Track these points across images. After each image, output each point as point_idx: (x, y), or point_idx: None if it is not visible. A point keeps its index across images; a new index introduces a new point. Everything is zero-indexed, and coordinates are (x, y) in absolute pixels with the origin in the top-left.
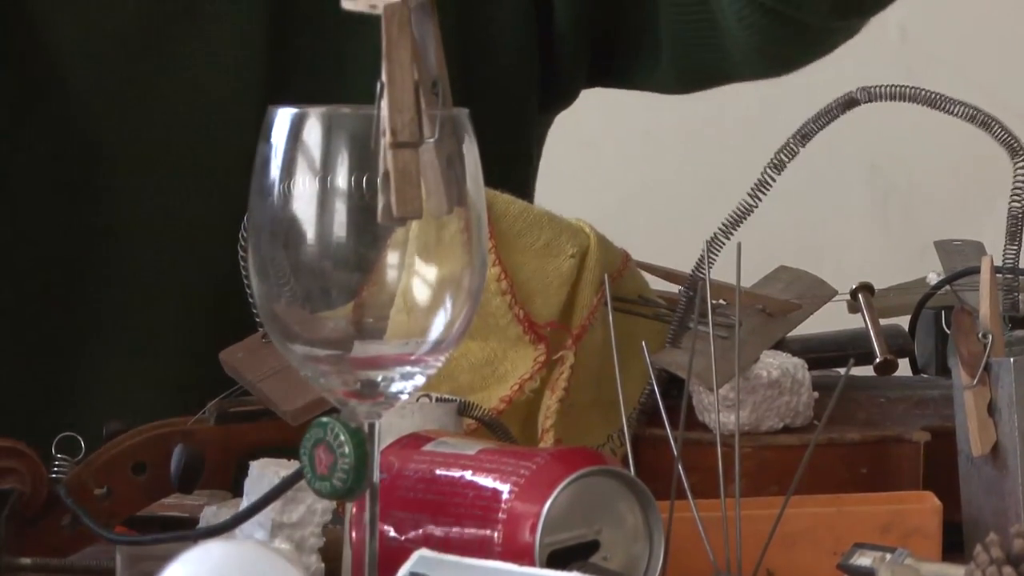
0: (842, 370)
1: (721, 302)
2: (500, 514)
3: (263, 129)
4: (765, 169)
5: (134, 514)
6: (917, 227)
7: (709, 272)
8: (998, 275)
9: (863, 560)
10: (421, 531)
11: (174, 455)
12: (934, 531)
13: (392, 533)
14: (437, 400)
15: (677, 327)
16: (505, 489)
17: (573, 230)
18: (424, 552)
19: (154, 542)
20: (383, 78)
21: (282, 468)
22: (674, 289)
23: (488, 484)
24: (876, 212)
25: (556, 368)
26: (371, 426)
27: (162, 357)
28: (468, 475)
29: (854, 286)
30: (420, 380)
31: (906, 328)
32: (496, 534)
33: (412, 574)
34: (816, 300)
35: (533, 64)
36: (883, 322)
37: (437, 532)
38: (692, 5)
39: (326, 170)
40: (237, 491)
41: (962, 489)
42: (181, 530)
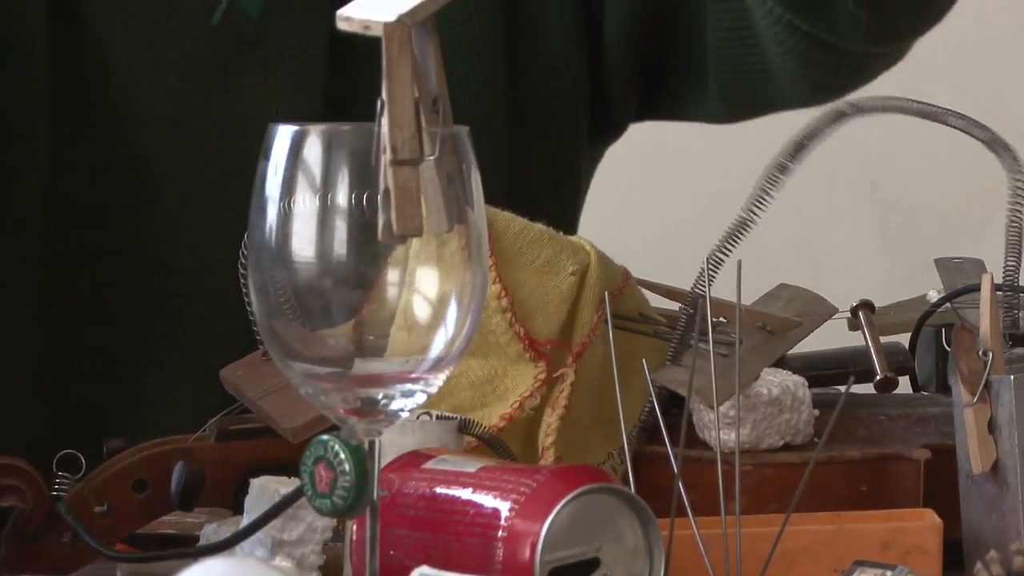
0: (842, 388)
1: (721, 320)
2: (500, 531)
3: (263, 147)
4: (758, 184)
5: (134, 531)
6: (917, 244)
7: (709, 290)
8: (998, 293)
9: None
10: (421, 549)
11: (174, 472)
12: (934, 549)
13: (392, 551)
14: (437, 418)
15: (677, 345)
16: (505, 507)
17: (573, 248)
18: (424, 569)
19: (154, 559)
20: (383, 96)
21: (282, 486)
22: (674, 307)
23: (488, 502)
24: (876, 230)
25: (556, 386)
26: (371, 444)
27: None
28: (468, 493)
29: (854, 304)
30: (420, 398)
31: (906, 346)
32: (497, 551)
33: None
34: (816, 318)
35: (584, 93)
36: (883, 340)
37: (437, 549)
38: (738, 32)
39: (326, 188)
40: (237, 508)
41: (962, 507)
42: (181, 547)
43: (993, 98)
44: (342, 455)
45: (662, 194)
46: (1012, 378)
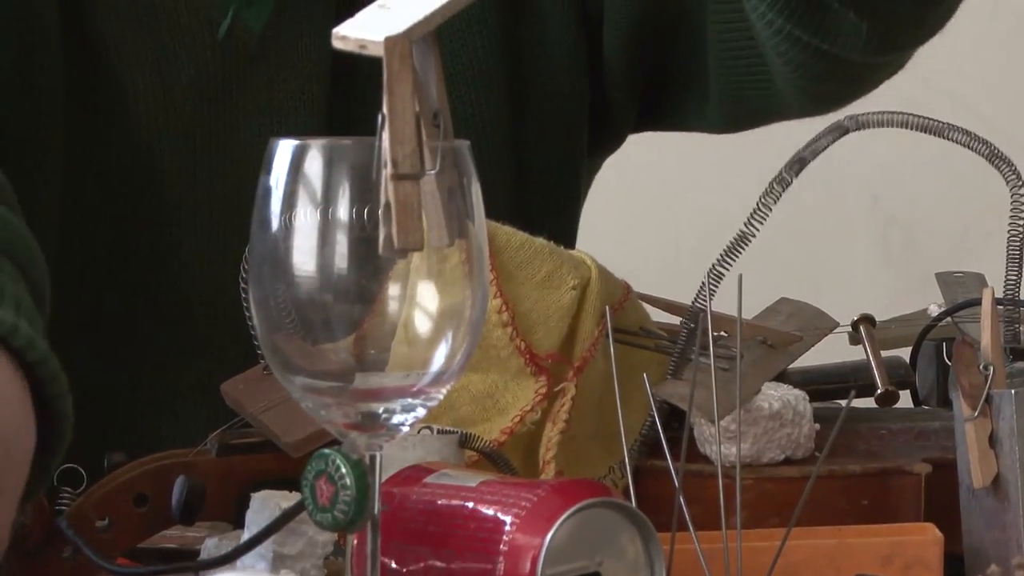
0: (843, 402)
1: (722, 334)
2: (501, 546)
3: (264, 161)
4: (760, 198)
5: (135, 546)
6: (918, 259)
7: (710, 304)
8: (999, 306)
9: None
10: (422, 563)
11: (175, 487)
12: (935, 563)
13: (393, 565)
14: (438, 432)
15: (678, 359)
16: (507, 521)
17: (574, 262)
18: None
19: (155, 574)
20: (384, 110)
21: (283, 500)
22: (675, 321)
23: (489, 516)
24: (877, 244)
25: (557, 400)
26: (372, 458)
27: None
28: (469, 507)
29: (855, 318)
30: (421, 412)
31: (907, 360)
32: (498, 566)
33: None
34: (817, 332)
35: (584, 105)
36: (884, 354)
37: (438, 564)
38: (739, 43)
39: (327, 202)
40: (238, 523)
41: (963, 521)
42: (182, 562)
43: (994, 112)
44: (343, 469)
45: (663, 208)
46: (1013, 392)
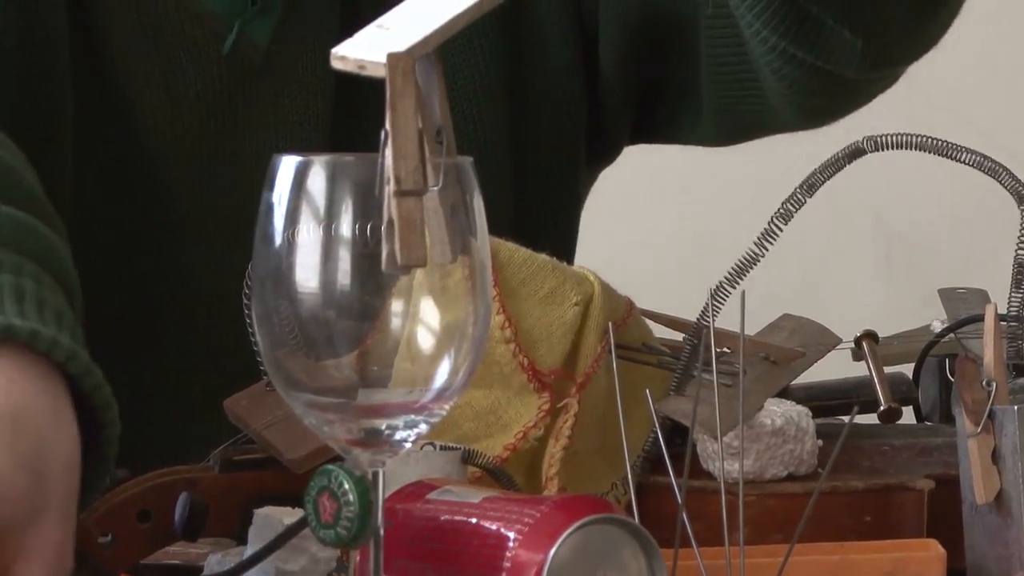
0: (846, 418)
1: (725, 350)
2: (505, 562)
3: (267, 177)
4: (772, 219)
5: (138, 562)
6: (921, 275)
7: (713, 320)
8: (1002, 323)
9: None
10: None
11: (178, 503)
12: None
13: None
14: (441, 448)
15: (681, 375)
16: (510, 537)
17: (577, 278)
18: None
19: None
20: (387, 126)
21: (286, 516)
22: (678, 337)
23: (493, 532)
24: (880, 260)
25: (560, 416)
26: (375, 474)
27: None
28: (472, 523)
29: (858, 334)
30: (424, 428)
31: (910, 376)
32: None
33: None
34: (820, 348)
35: (582, 119)
36: (887, 370)
37: None
38: (733, 58)
39: (330, 218)
40: (241, 539)
41: (966, 537)
42: None
43: (998, 128)
44: (346, 485)
45: (666, 225)
46: (1016, 408)
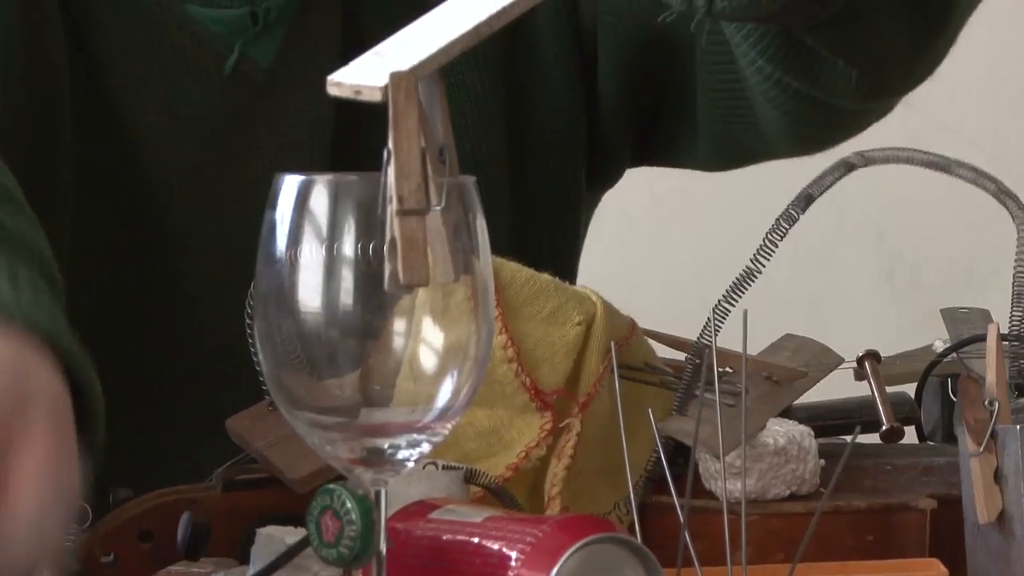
0: (848, 438)
1: (727, 370)
2: None
3: (270, 196)
4: (766, 235)
5: None
6: (923, 295)
7: (715, 340)
8: (1004, 343)
9: None
10: None
11: (181, 523)
12: None
13: None
14: (443, 468)
15: (683, 395)
16: (512, 556)
17: (579, 298)
18: None
19: None
20: (389, 146)
21: (289, 535)
22: (680, 357)
23: (495, 551)
24: (882, 280)
25: (563, 436)
26: (377, 493)
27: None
28: (475, 542)
29: (860, 354)
30: (426, 447)
31: (912, 396)
32: None
33: None
34: (822, 368)
35: (582, 140)
36: (889, 390)
37: None
38: (728, 88)
39: (333, 237)
40: (244, 559)
41: (968, 557)
42: None
43: (1000, 148)
44: (348, 505)
45: (668, 244)
46: (1018, 428)
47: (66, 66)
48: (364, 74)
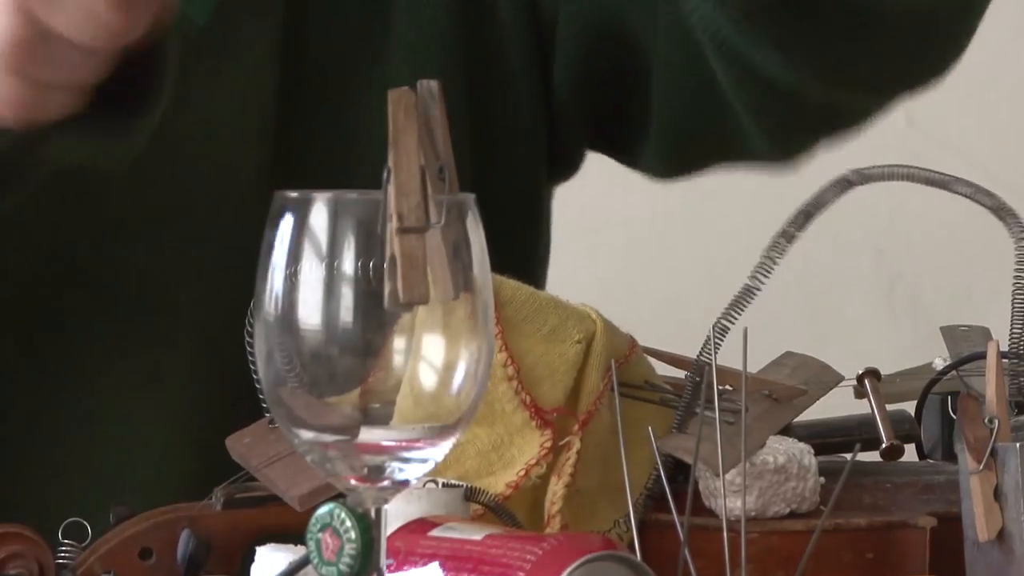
0: (848, 455)
1: (727, 387)
2: None
3: (270, 214)
4: (764, 252)
5: None
6: (923, 312)
7: (715, 357)
8: (1004, 360)
9: None
10: None
11: (180, 540)
12: None
13: None
14: (444, 485)
15: (683, 412)
16: (512, 574)
17: (579, 316)
18: None
19: None
20: (389, 163)
21: (289, 553)
22: (680, 374)
23: (495, 569)
24: (882, 297)
25: (563, 453)
26: (377, 511)
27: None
28: (475, 560)
29: (860, 371)
30: (427, 465)
31: (912, 413)
32: None
33: None
34: (822, 386)
35: (544, 136)
36: (889, 407)
37: None
38: (686, 72)
39: (332, 255)
40: None
41: (968, 574)
42: None
43: (999, 165)
44: (348, 523)
45: (667, 262)
46: (1018, 446)
47: None
48: None
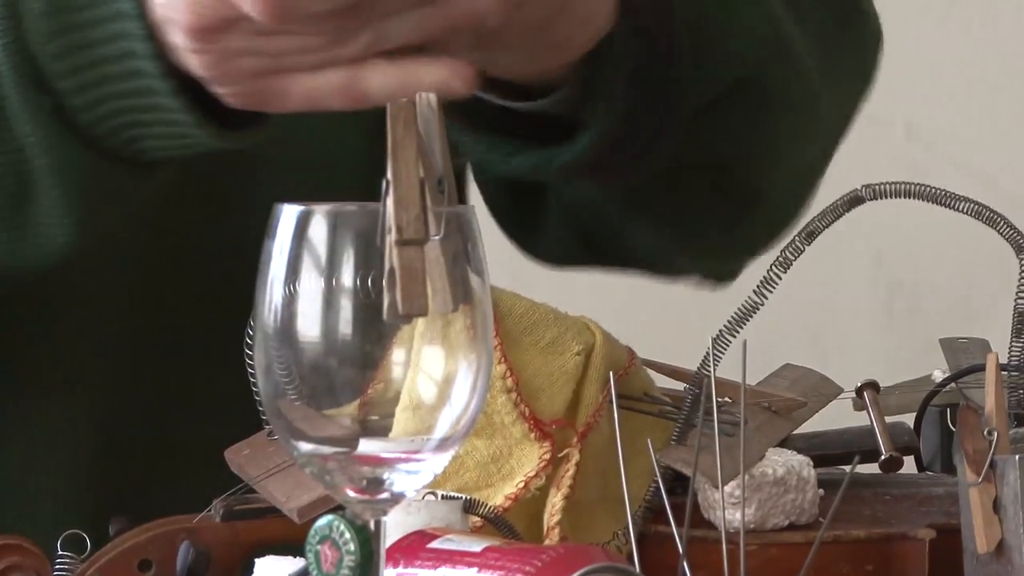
0: (847, 467)
1: (726, 400)
2: None
3: (268, 226)
4: (771, 267)
5: None
6: (922, 325)
7: (714, 370)
8: (1003, 372)
9: None
10: None
11: (180, 552)
12: None
13: None
14: (443, 497)
15: (683, 424)
16: None
17: (579, 327)
18: None
19: None
20: (388, 175)
21: (288, 565)
22: (680, 387)
23: None
24: (881, 310)
25: (562, 465)
26: (377, 523)
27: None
28: (474, 572)
29: (859, 384)
30: (426, 478)
31: (911, 425)
32: None
33: None
34: (821, 398)
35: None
36: (888, 419)
37: None
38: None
39: (332, 268)
40: None
41: None
42: None
43: (1000, 175)
44: (347, 535)
45: None
46: (1017, 458)
47: None
48: None
